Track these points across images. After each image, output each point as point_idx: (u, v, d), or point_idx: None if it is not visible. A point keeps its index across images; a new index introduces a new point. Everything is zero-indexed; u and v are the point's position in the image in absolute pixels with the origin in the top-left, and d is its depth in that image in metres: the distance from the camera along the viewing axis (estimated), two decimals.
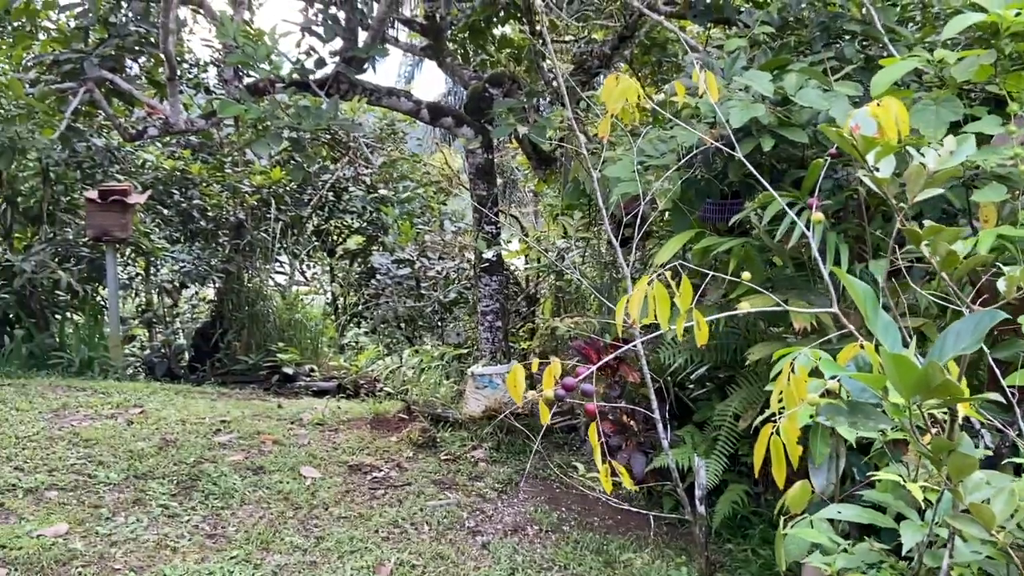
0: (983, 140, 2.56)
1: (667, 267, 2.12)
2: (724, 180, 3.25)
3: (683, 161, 3.01)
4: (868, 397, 1.26)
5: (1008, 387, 2.10)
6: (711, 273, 1.51)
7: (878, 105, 1.30)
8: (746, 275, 1.43)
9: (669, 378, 3.73)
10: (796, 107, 2.91)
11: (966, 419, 1.71)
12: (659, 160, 3.22)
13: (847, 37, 3.62)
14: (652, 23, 5.27)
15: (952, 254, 1.16)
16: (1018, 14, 2.29)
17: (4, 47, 6.08)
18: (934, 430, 1.24)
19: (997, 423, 1.73)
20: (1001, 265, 1.24)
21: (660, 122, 4.34)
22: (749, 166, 1.78)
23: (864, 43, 3.67)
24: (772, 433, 1.37)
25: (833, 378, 1.26)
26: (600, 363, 1.68)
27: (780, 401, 2.11)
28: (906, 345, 1.20)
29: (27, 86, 4.75)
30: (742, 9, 4.45)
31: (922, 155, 1.15)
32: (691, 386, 3.86)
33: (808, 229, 2.74)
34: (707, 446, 3.40)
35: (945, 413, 1.20)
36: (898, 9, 4.43)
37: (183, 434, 4.38)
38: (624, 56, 5.94)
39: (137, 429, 4.44)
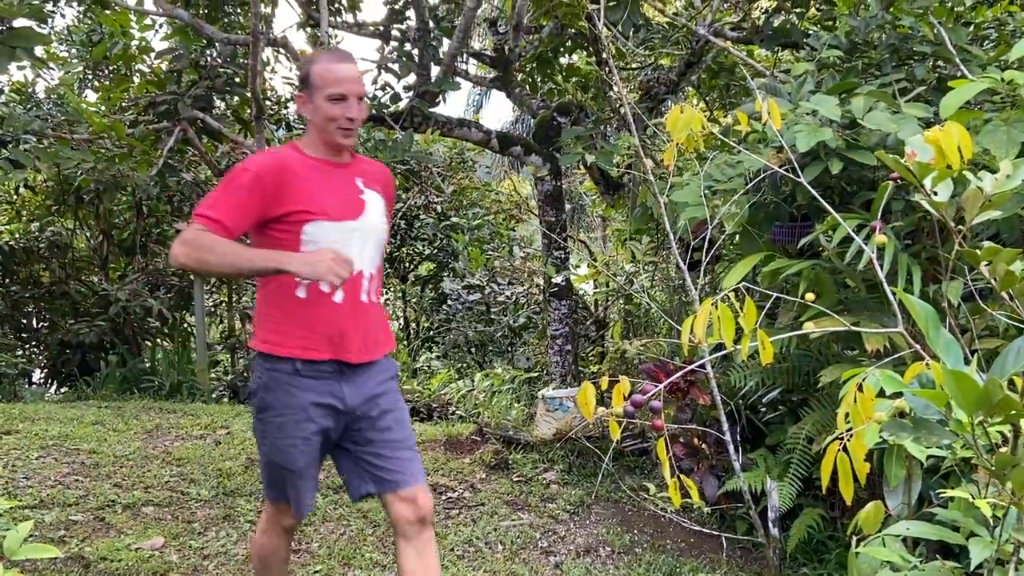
0: None
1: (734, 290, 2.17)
2: (793, 203, 3.27)
3: (751, 185, 3.05)
4: (932, 414, 1.30)
5: None
6: (774, 295, 1.56)
7: (941, 128, 1.34)
8: (809, 296, 1.48)
9: (740, 401, 3.73)
10: (865, 129, 2.92)
11: None
12: (726, 184, 3.26)
13: (917, 58, 3.61)
14: (719, 48, 5.32)
15: (1010, 274, 1.19)
16: None
17: (104, 90, 6.51)
18: (1004, 447, 1.27)
19: None
20: None
21: (727, 147, 4.37)
22: (811, 190, 1.83)
23: (936, 64, 3.65)
24: (839, 451, 1.41)
25: (898, 395, 1.30)
26: (668, 382, 1.74)
27: (847, 420, 2.13)
28: (967, 363, 1.24)
29: (127, 126, 5.08)
30: (810, 32, 4.46)
31: (980, 179, 1.20)
32: (763, 409, 3.85)
33: (875, 251, 2.75)
34: (780, 469, 3.38)
35: (1011, 430, 1.23)
36: (971, 28, 4.38)
37: None
38: (691, 81, 5.99)
39: (224, 449, 4.66)
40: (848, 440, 1.79)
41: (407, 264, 9.60)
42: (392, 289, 10.06)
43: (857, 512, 3.33)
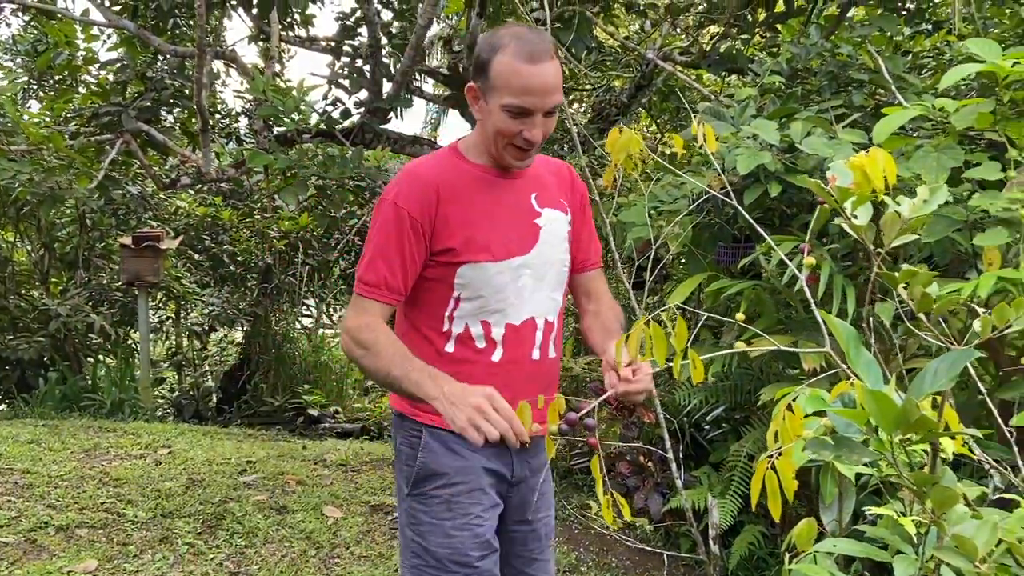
0: (991, 185, 2.63)
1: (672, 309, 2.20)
2: (735, 224, 3.33)
3: (694, 206, 3.10)
4: (854, 432, 1.32)
5: (1014, 427, 2.13)
6: (705, 314, 1.58)
7: (866, 154, 1.38)
8: (739, 316, 1.50)
9: (685, 419, 3.77)
10: (802, 154, 2.99)
11: (975, 460, 1.75)
12: (671, 205, 3.31)
13: (855, 85, 3.71)
14: (669, 72, 5.41)
15: (926, 296, 1.23)
16: (1015, 64, 2.37)
17: (47, 100, 6.37)
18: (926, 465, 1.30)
19: (989, 461, 1.77)
20: (974, 305, 1.31)
21: (671, 169, 4.45)
22: (746, 214, 1.87)
23: (874, 91, 3.76)
24: (768, 468, 1.43)
25: (821, 414, 1.32)
26: (601, 399, 1.75)
27: (777, 439, 2.16)
28: (887, 382, 1.27)
29: (67, 138, 4.98)
30: (754, 59, 4.57)
31: (898, 203, 1.23)
32: (707, 427, 3.90)
33: (811, 272, 2.81)
34: (722, 487, 3.42)
35: (930, 449, 1.26)
36: (909, 57, 4.53)
37: (209, 474, 4.48)
38: (642, 104, 6.08)
39: (165, 469, 4.55)
40: (777, 458, 1.82)
41: None
42: (346, 306, 9.98)
43: (779, 522, 3.37)
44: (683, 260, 4.19)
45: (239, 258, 7.83)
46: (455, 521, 1.73)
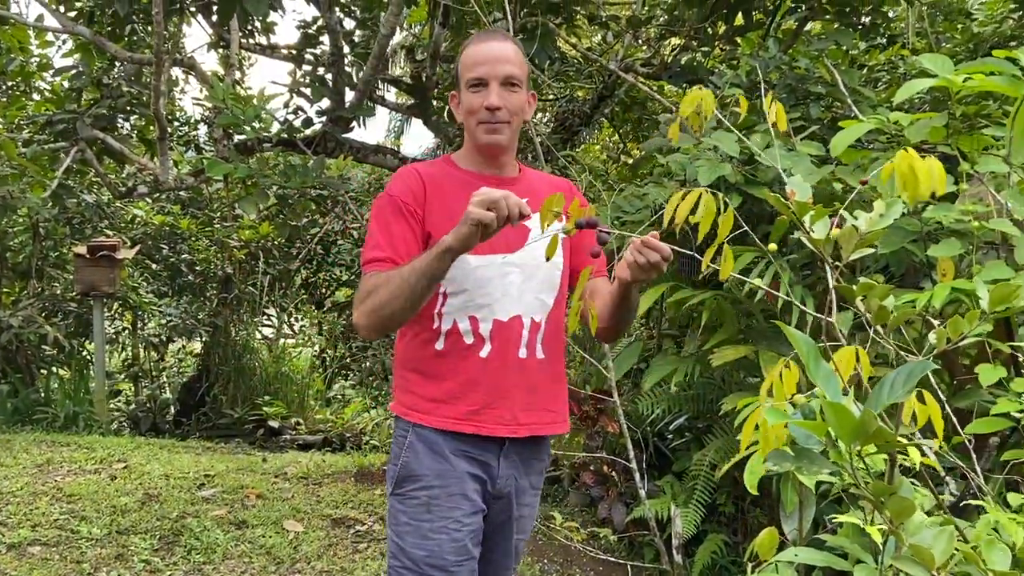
0: (943, 198, 2.68)
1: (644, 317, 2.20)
2: (696, 234, 3.36)
3: (655, 218, 3.12)
4: (814, 444, 1.33)
5: (971, 435, 2.17)
6: (645, 324, 1.58)
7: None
8: (714, 325, 1.51)
9: (648, 428, 3.79)
10: (762, 166, 3.03)
11: (930, 467, 1.78)
12: (634, 215, 3.33)
13: (813, 98, 3.78)
14: (631, 83, 5.46)
15: (883, 309, 1.24)
16: (967, 79, 2.42)
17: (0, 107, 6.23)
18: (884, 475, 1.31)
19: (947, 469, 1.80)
20: (928, 316, 1.34)
21: (636, 178, 4.48)
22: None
23: (830, 104, 3.83)
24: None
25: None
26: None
27: (748, 448, 2.17)
28: (845, 394, 1.28)
29: (20, 146, 4.86)
30: (714, 71, 4.63)
31: (855, 218, 1.25)
32: (670, 436, 3.92)
33: (772, 282, 2.85)
34: (685, 496, 3.44)
35: (887, 459, 1.28)
36: (865, 71, 4.63)
37: (166, 489, 4.39)
38: (605, 114, 6.12)
39: (120, 484, 4.44)
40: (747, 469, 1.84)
41: (323, 290, 9.44)
42: (307, 316, 9.87)
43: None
44: None
45: (198, 267, 7.71)
46: (433, 524, 1.73)
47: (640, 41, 5.57)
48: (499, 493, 1.83)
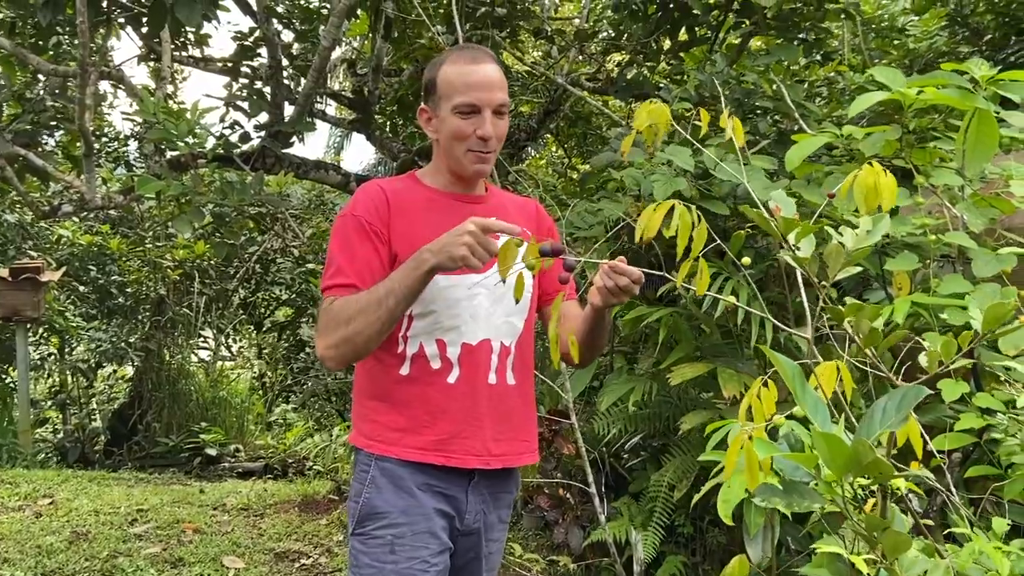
0: (892, 211, 2.67)
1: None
2: (651, 251, 3.30)
3: (611, 233, 3.05)
4: (801, 475, 1.26)
5: (938, 452, 2.14)
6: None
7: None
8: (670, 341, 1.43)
9: (604, 448, 3.70)
10: (716, 180, 2.99)
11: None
12: (587, 232, 3.26)
13: (759, 112, 3.77)
14: (576, 98, 5.42)
15: (875, 331, 1.18)
16: (920, 92, 2.42)
17: None
18: (870, 505, 1.24)
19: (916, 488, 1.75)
20: (920, 338, 1.28)
21: (589, 193, 4.42)
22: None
23: (776, 118, 3.83)
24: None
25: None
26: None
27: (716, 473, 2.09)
28: (835, 421, 1.21)
29: None
30: (661, 85, 4.61)
31: (840, 234, 1.18)
32: (626, 456, 3.84)
33: (729, 298, 2.80)
34: (643, 518, 3.36)
35: (878, 490, 1.21)
36: (805, 86, 4.66)
37: (96, 526, 4.13)
38: (550, 129, 6.07)
39: (46, 522, 4.17)
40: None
41: (262, 310, 9.17)
42: (246, 337, 9.57)
43: (718, 556, 3.32)
44: None
45: (129, 289, 7.38)
46: (398, 565, 1.60)
47: (585, 56, 5.55)
48: (467, 529, 1.71)
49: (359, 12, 5.17)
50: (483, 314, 1.67)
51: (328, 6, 4.91)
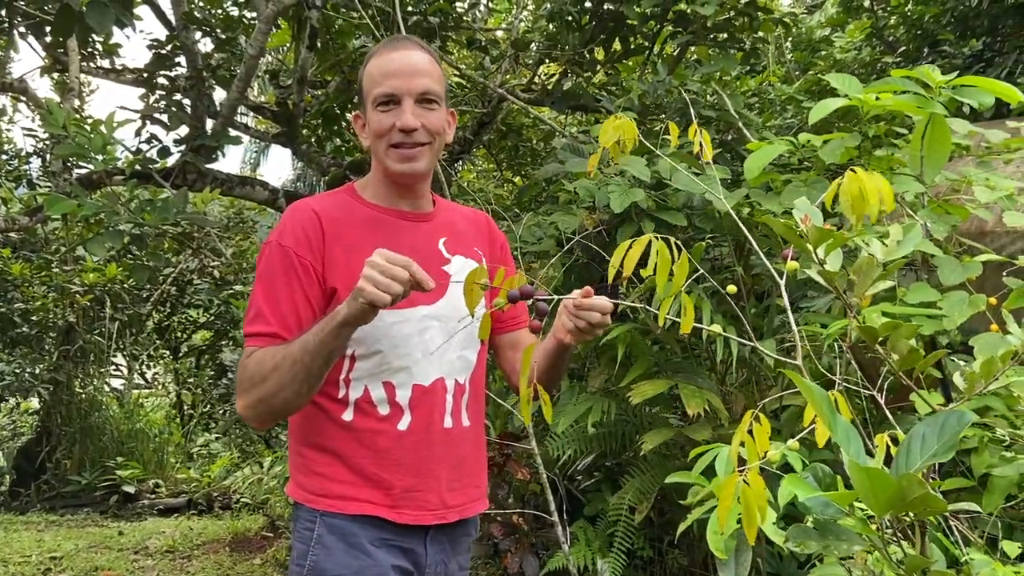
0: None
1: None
2: (605, 265, 3.20)
3: (566, 248, 2.93)
4: (832, 512, 1.14)
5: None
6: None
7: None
8: (715, 327, 1.30)
9: (557, 471, 3.56)
10: (671, 191, 2.91)
11: None
12: (538, 246, 3.14)
13: (702, 122, 3.73)
14: (508, 109, 5.30)
15: (914, 351, 1.07)
16: (877, 98, 2.38)
17: None
18: (905, 543, 1.13)
19: None
20: (953, 359, 1.19)
21: (525, 207, 4.31)
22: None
23: (718, 128, 3.80)
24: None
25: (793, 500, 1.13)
26: None
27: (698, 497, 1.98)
28: (870, 453, 1.10)
29: None
30: (599, 97, 4.54)
31: (867, 244, 1.08)
32: (579, 477, 3.71)
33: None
34: (602, 542, 3.24)
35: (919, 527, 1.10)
36: (739, 95, 4.68)
37: None
38: (483, 141, 5.94)
39: None
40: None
41: (179, 334, 8.71)
42: (162, 362, 9.08)
43: None
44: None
45: (34, 317, 6.87)
46: None
47: (519, 66, 5.45)
48: None
49: (281, 22, 4.94)
50: (436, 350, 1.50)
51: (250, 14, 4.67)
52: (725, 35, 4.32)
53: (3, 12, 3.97)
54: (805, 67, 6.37)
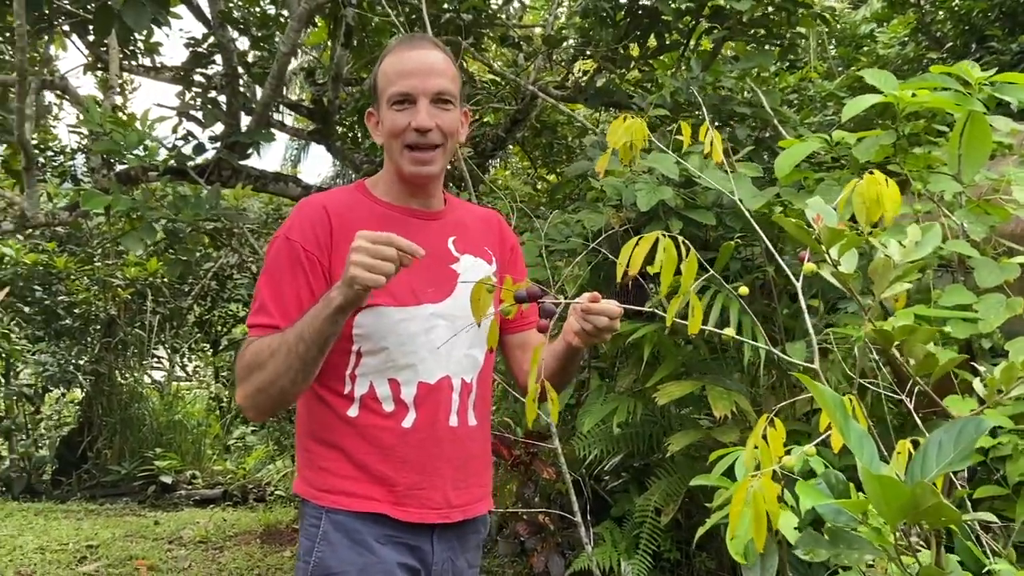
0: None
1: None
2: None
3: (592, 246, 2.90)
4: (846, 520, 1.11)
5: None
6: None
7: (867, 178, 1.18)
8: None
9: (584, 471, 3.54)
10: (700, 188, 2.87)
11: None
12: (565, 244, 3.11)
13: (737, 119, 3.67)
14: (542, 106, 5.28)
15: (931, 356, 1.03)
16: (914, 95, 2.31)
17: None
18: (920, 551, 1.09)
19: None
20: (975, 364, 1.15)
21: (557, 204, 4.28)
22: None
23: (753, 125, 3.73)
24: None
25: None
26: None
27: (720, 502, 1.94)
28: (884, 458, 1.06)
29: None
30: (632, 94, 4.49)
31: (884, 246, 1.04)
32: (607, 478, 3.68)
33: (720, 311, 2.67)
34: (628, 543, 3.21)
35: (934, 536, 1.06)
36: (777, 92, 4.59)
37: (42, 565, 3.85)
38: (517, 138, 5.92)
39: None
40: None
41: (219, 328, 8.85)
42: (202, 356, 9.23)
43: None
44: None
45: (77, 310, 7.03)
46: None
47: (553, 63, 5.42)
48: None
49: (318, 20, 4.98)
50: (443, 348, 1.49)
51: (285, 12, 4.71)
52: (762, 30, 4.24)
53: (46, 11, 4.05)
54: (848, 63, 6.24)
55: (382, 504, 1.45)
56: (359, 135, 5.66)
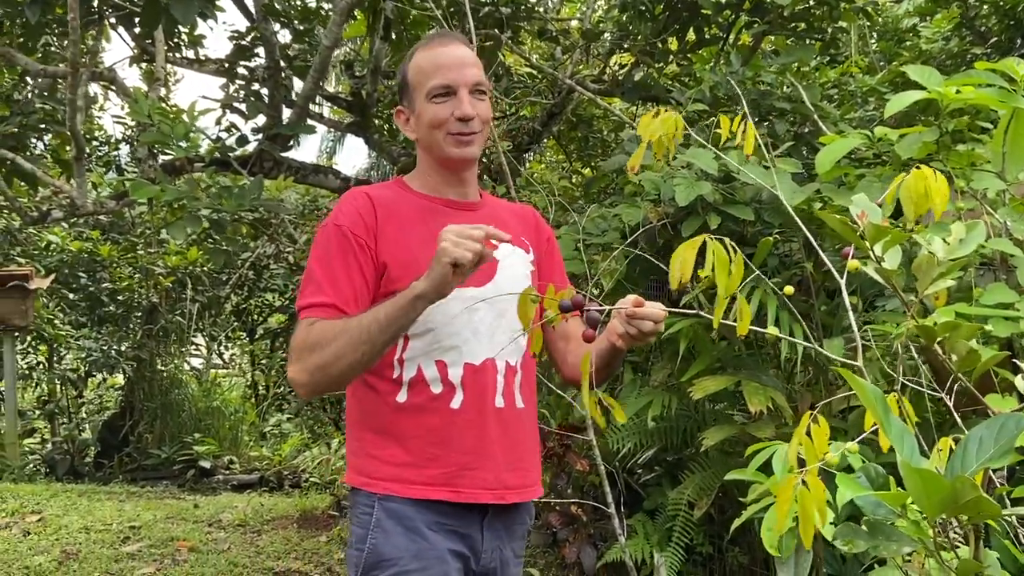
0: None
1: None
2: (668, 259, 3.17)
3: (630, 240, 2.91)
4: (884, 513, 1.12)
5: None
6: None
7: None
8: (772, 330, 1.29)
9: (617, 463, 3.56)
10: (739, 184, 2.86)
11: None
12: (601, 238, 3.13)
13: (776, 114, 3.65)
14: (578, 100, 5.28)
15: (973, 353, 1.04)
16: (957, 91, 2.29)
17: None
18: (958, 546, 1.10)
19: None
20: (1020, 364, 1.15)
21: (592, 198, 4.29)
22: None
23: (792, 120, 3.71)
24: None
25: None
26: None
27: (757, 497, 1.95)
28: (924, 454, 1.07)
29: None
30: (671, 88, 4.48)
31: (928, 243, 1.05)
32: (640, 471, 3.70)
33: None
34: (660, 536, 3.22)
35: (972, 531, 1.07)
36: (817, 87, 4.55)
37: (87, 544, 3.97)
38: (553, 132, 5.94)
39: (34, 540, 4.00)
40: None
41: (256, 317, 9.00)
42: (239, 344, 9.39)
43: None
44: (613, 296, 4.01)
45: (120, 297, 7.21)
46: None
47: (590, 57, 5.42)
48: (483, 570, 1.56)
49: (357, 13, 5.03)
50: (485, 331, 1.53)
51: (327, 5, 4.77)
52: (803, 25, 4.21)
53: (95, 3, 4.15)
54: (890, 58, 6.15)
55: (435, 488, 1.47)
56: (396, 128, 5.72)
